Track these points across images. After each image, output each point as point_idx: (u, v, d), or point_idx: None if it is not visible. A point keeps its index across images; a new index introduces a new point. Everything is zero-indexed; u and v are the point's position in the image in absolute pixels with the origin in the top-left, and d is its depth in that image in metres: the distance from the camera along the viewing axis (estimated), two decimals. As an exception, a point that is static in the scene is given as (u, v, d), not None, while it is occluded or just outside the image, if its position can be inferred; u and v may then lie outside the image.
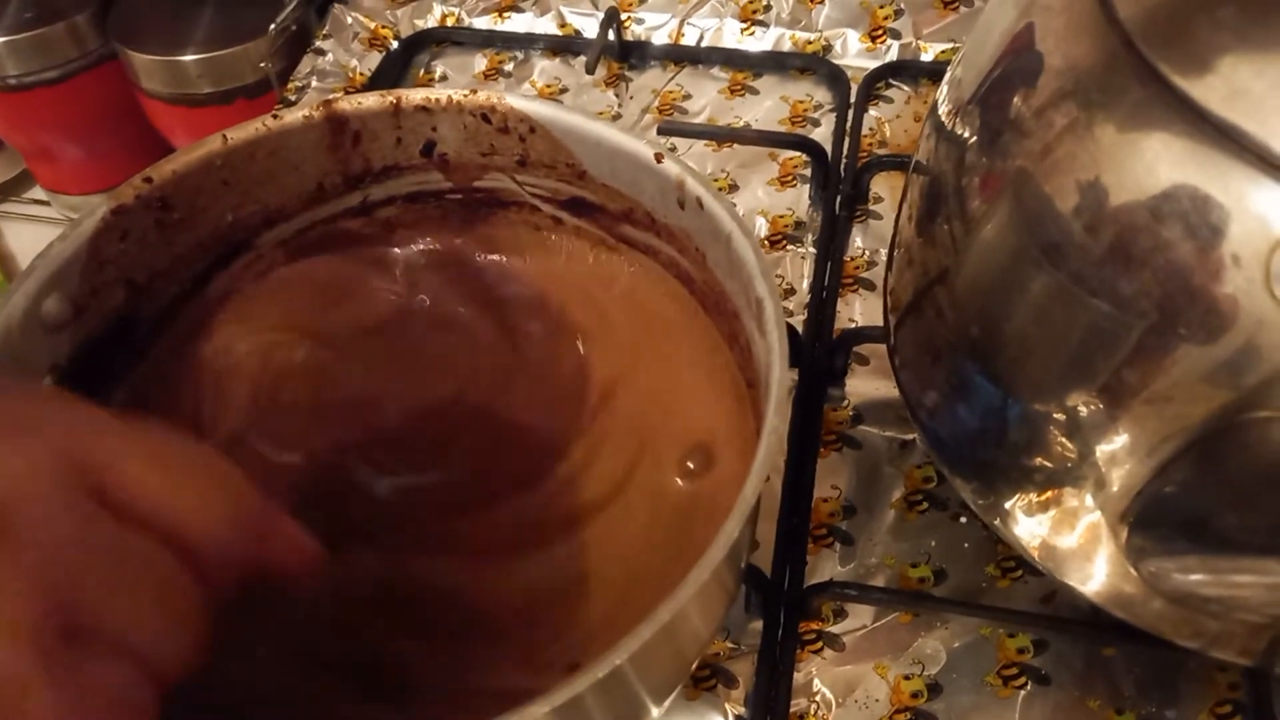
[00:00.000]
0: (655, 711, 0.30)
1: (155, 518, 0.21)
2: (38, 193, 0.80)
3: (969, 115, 0.32)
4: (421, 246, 0.40)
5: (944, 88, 0.34)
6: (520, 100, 0.35)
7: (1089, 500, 0.30)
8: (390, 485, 0.35)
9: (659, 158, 0.33)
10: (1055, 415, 0.30)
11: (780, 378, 0.27)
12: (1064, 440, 0.30)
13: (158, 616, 0.20)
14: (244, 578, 0.23)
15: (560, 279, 0.38)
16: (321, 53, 0.62)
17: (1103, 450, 0.29)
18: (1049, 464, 0.31)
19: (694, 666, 0.31)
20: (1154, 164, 0.25)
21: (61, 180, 0.74)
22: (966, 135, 0.32)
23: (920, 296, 0.35)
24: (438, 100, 0.35)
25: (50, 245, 0.32)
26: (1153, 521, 0.27)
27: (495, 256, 0.40)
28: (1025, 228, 0.29)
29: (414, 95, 0.36)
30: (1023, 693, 0.37)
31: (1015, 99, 0.30)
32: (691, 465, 0.34)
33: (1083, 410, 0.28)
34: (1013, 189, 0.29)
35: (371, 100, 0.36)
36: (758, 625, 0.39)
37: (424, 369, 0.38)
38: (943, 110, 0.34)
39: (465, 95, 0.35)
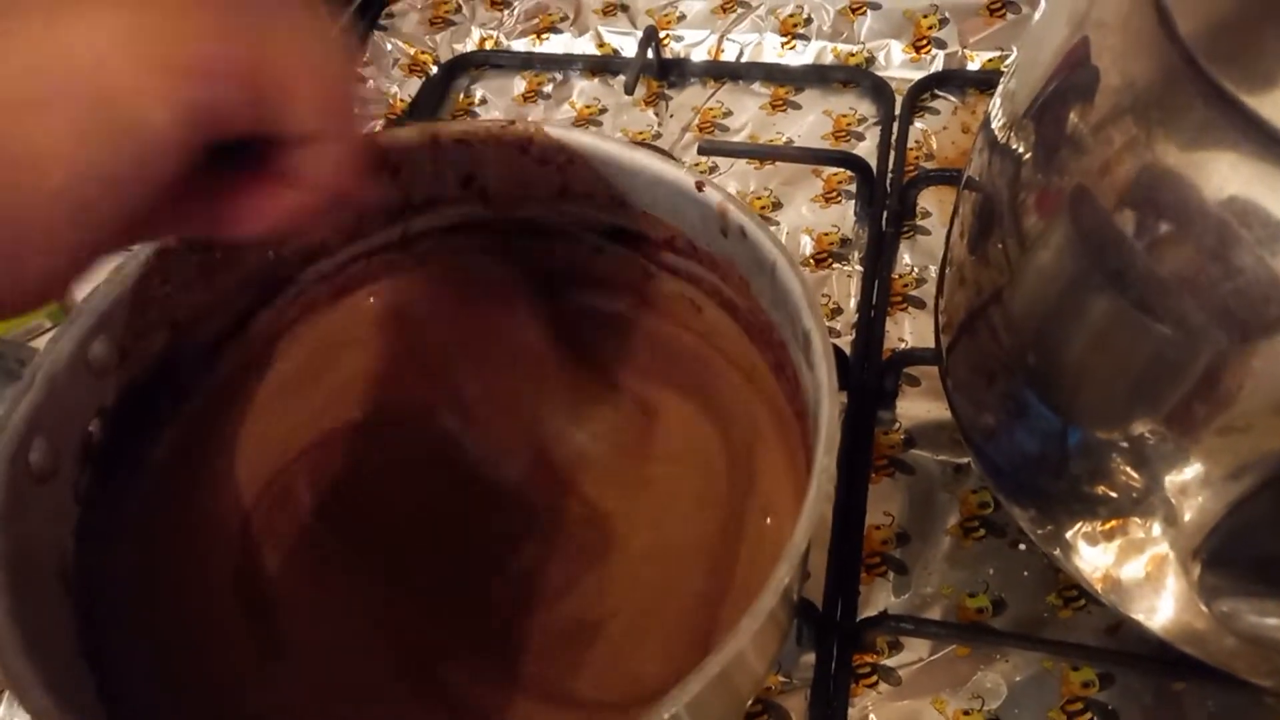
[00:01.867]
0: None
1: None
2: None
3: (1023, 130, 0.31)
4: (461, 278, 0.40)
5: (996, 101, 0.33)
6: (558, 131, 0.35)
7: (1156, 533, 0.29)
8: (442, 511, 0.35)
9: (700, 186, 0.32)
10: (1120, 444, 0.28)
11: (830, 413, 0.26)
12: (1129, 470, 0.29)
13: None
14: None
15: (602, 308, 0.38)
16: (362, 80, 0.62)
17: (1172, 482, 0.27)
18: (1113, 494, 0.30)
19: (748, 703, 0.30)
20: (1220, 183, 0.23)
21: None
22: (1021, 151, 0.31)
23: (974, 317, 0.33)
24: (475, 133, 0.35)
25: (95, 289, 0.33)
26: (1227, 559, 0.26)
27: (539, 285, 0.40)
28: (1084, 248, 0.28)
29: (452, 128, 0.35)
30: (1089, 729, 0.36)
31: (1072, 115, 0.28)
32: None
33: (1150, 440, 0.27)
34: (1070, 207, 0.28)
35: (408, 133, 0.35)
36: (810, 659, 0.38)
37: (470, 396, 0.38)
38: (996, 124, 0.33)
39: (503, 127, 0.35)
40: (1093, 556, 0.32)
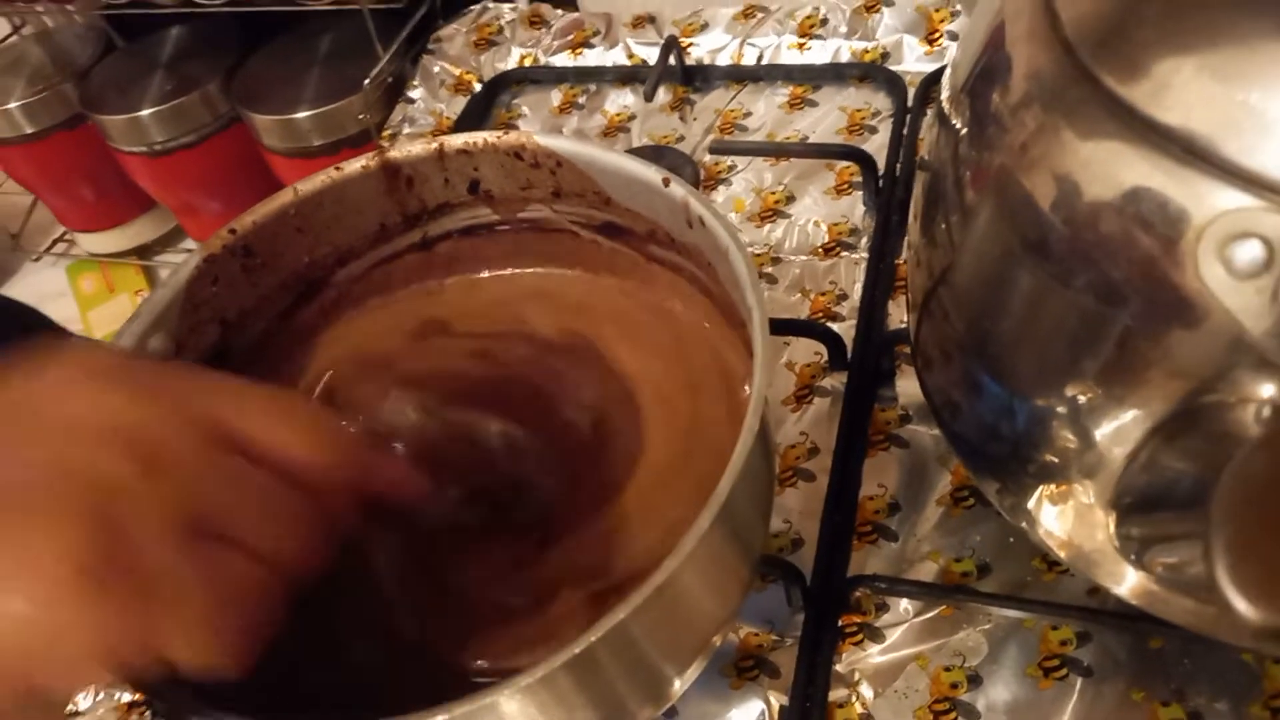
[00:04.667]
0: (677, 683, 0.32)
1: (269, 454, 0.25)
2: (189, 243, 0.90)
3: (961, 105, 0.33)
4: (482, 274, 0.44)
5: (946, 74, 0.35)
6: (545, 137, 0.38)
7: (1093, 494, 0.31)
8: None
9: (666, 182, 0.35)
10: (1052, 410, 0.30)
11: (760, 381, 0.29)
12: (1063, 435, 0.30)
13: (274, 526, 0.25)
14: (359, 503, 0.28)
15: (599, 294, 0.42)
16: (411, 101, 0.67)
17: (1091, 442, 0.29)
18: (1055, 460, 0.31)
19: (714, 643, 0.33)
20: (1101, 163, 0.26)
21: (206, 231, 0.83)
22: (959, 126, 0.32)
23: (928, 296, 0.36)
24: (474, 143, 0.39)
25: (154, 292, 0.38)
26: (1134, 509, 0.27)
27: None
28: (1011, 226, 0.30)
29: (454, 140, 0.40)
30: (1064, 685, 0.37)
31: (995, 95, 0.30)
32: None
33: (1070, 404, 0.29)
34: (995, 185, 0.30)
35: (418, 147, 0.40)
36: (802, 618, 0.41)
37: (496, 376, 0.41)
38: (943, 98, 0.35)
39: (499, 137, 0.39)
40: (1053, 524, 0.33)
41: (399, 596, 0.36)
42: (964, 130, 0.32)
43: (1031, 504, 0.33)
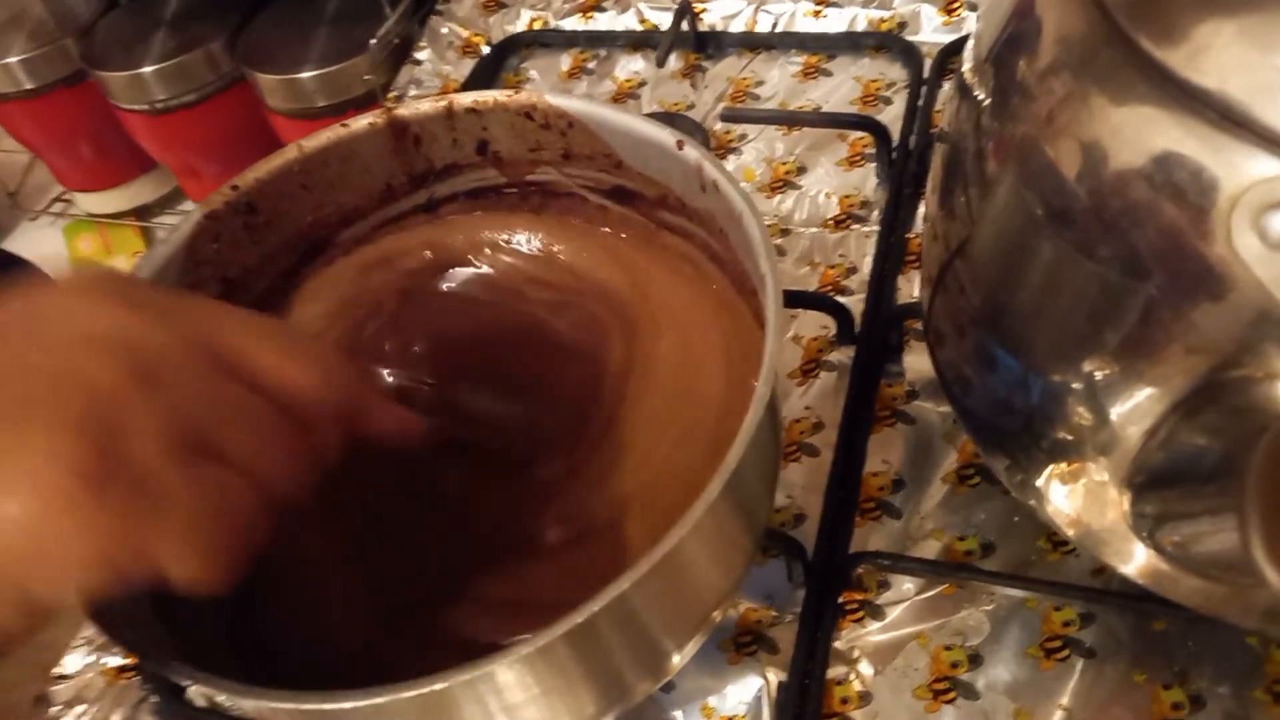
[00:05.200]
0: (676, 657, 0.32)
1: (267, 381, 0.26)
2: (189, 205, 0.89)
3: (984, 75, 0.32)
4: (487, 235, 0.43)
5: (969, 45, 0.34)
6: (556, 98, 0.37)
7: (1107, 472, 0.30)
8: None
9: (680, 145, 0.35)
10: (1067, 386, 0.30)
11: (771, 350, 0.28)
12: (1079, 411, 0.30)
13: (267, 448, 0.25)
14: (350, 436, 0.28)
15: (605, 258, 0.41)
16: (418, 63, 0.66)
17: (1106, 418, 0.28)
18: (1070, 436, 0.31)
19: (714, 617, 0.32)
20: (1132, 128, 0.25)
21: (207, 194, 0.82)
22: (982, 97, 0.32)
23: (944, 270, 0.35)
24: (484, 102, 0.38)
25: (154, 247, 0.37)
26: (1149, 486, 0.27)
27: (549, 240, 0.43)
28: (1033, 197, 0.29)
29: (464, 99, 0.39)
30: (1065, 665, 0.37)
31: (1021, 63, 0.30)
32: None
33: (1087, 380, 0.29)
34: (1019, 155, 0.29)
35: (426, 105, 0.39)
36: (803, 594, 0.40)
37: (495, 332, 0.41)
38: (965, 69, 0.34)
39: (509, 96, 0.38)
40: (1063, 502, 0.33)
41: (388, 550, 0.35)
42: (987, 100, 0.31)
43: (1041, 481, 0.33)
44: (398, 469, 0.35)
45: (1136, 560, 0.31)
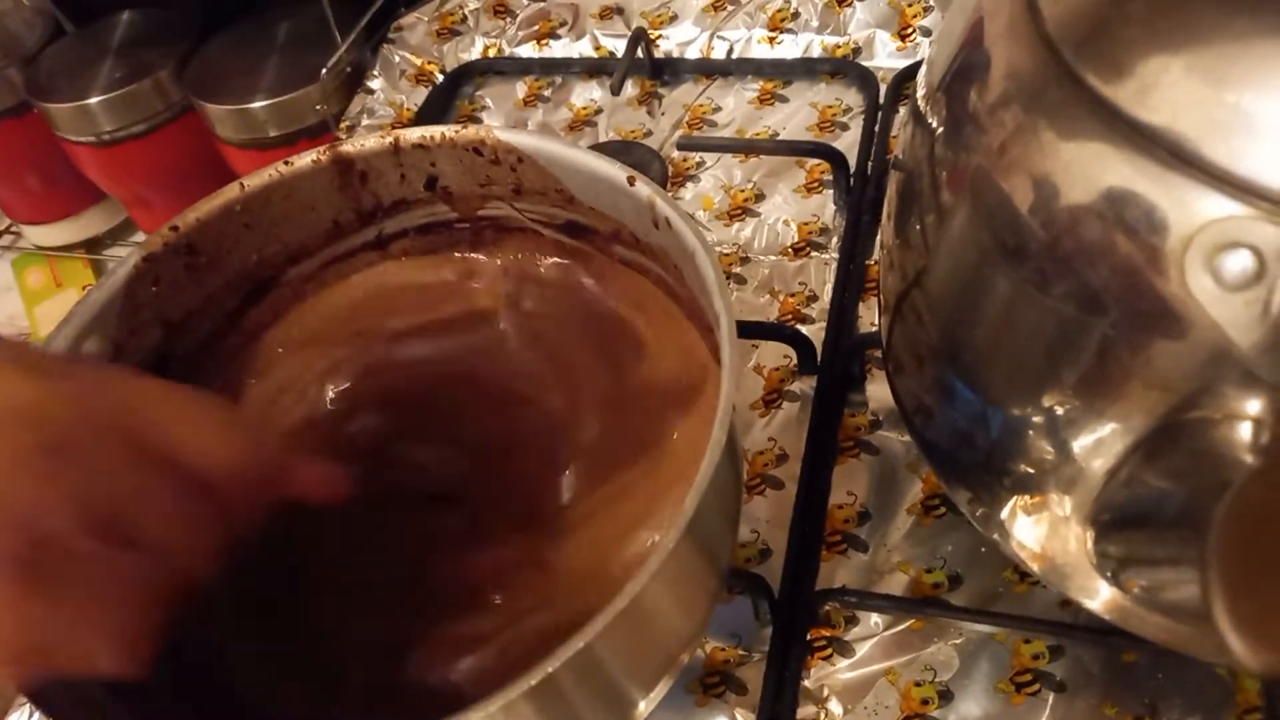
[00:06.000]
0: (642, 704, 0.31)
1: (182, 458, 0.25)
2: (141, 237, 0.87)
3: (937, 104, 0.31)
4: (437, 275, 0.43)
5: (921, 71, 0.34)
6: (506, 133, 0.37)
7: (1068, 507, 0.30)
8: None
9: (631, 180, 0.34)
10: (1027, 420, 0.29)
11: (727, 390, 0.28)
12: (1039, 446, 0.29)
13: (177, 530, 0.25)
14: (271, 504, 0.28)
15: (558, 293, 0.40)
16: (371, 92, 0.65)
17: (1068, 454, 0.28)
18: (1031, 470, 0.30)
19: (681, 660, 0.32)
20: (1082, 166, 0.24)
21: (158, 225, 0.80)
22: (935, 125, 0.31)
23: (901, 300, 0.34)
24: (431, 137, 0.38)
25: (89, 293, 0.36)
26: (1112, 526, 0.26)
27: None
28: (988, 229, 0.29)
29: (410, 134, 0.38)
30: (1036, 699, 0.36)
31: (972, 93, 0.29)
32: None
33: (1047, 415, 0.28)
34: (972, 187, 0.29)
35: (372, 141, 0.38)
36: (770, 633, 0.39)
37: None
38: (919, 96, 0.33)
39: (457, 131, 0.37)
40: (1025, 536, 0.32)
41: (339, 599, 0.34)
42: (940, 130, 0.31)
43: (1004, 515, 0.32)
44: (337, 520, 0.34)
45: (1102, 596, 0.31)
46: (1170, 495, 0.24)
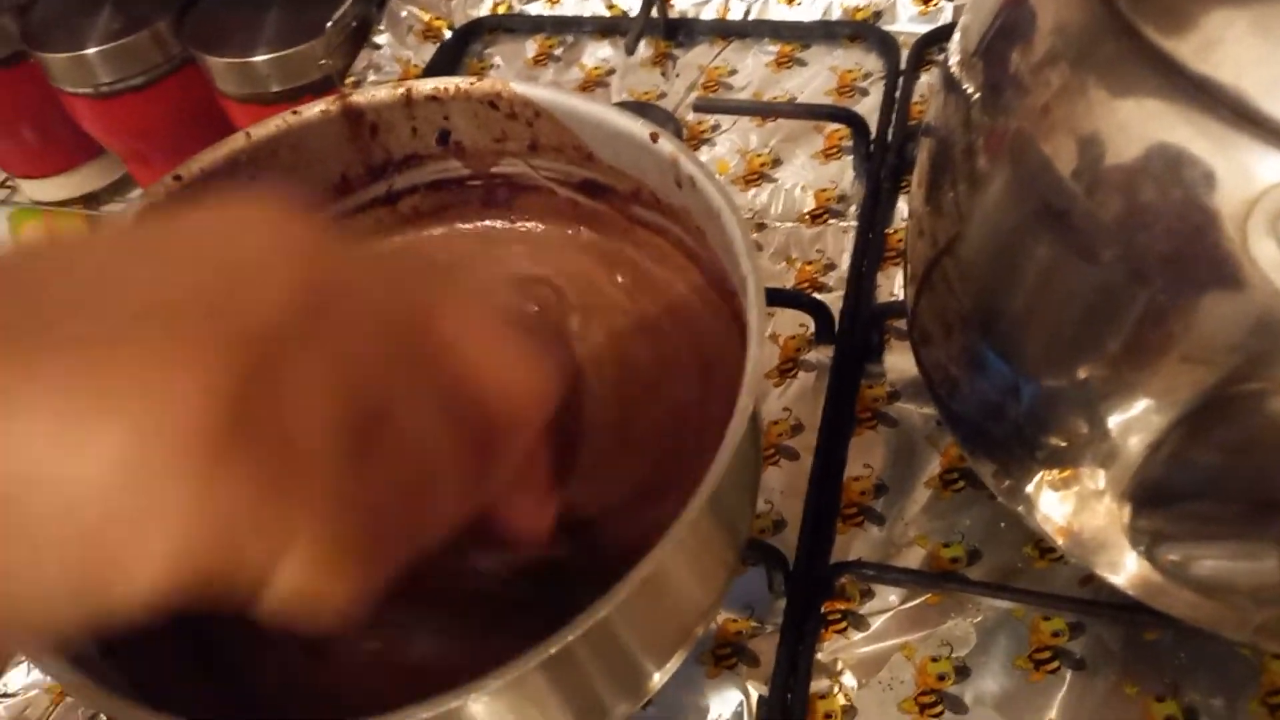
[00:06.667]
0: (656, 676, 0.30)
1: (479, 381, 0.20)
2: (139, 192, 0.86)
3: (973, 69, 0.30)
4: (446, 230, 0.41)
5: (955, 37, 0.33)
6: (523, 86, 0.35)
7: (1102, 482, 0.29)
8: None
9: (654, 137, 0.33)
10: (1067, 391, 0.28)
11: (755, 356, 0.27)
12: (1076, 418, 0.28)
13: (445, 464, 0.20)
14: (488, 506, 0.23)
15: (573, 256, 0.39)
16: (377, 47, 0.64)
17: (1108, 428, 0.27)
18: (1063, 444, 0.30)
19: (696, 633, 0.31)
20: (1137, 124, 0.23)
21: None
22: (971, 91, 0.30)
23: (931, 268, 0.33)
24: (446, 89, 0.36)
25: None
26: (1153, 501, 0.26)
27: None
28: (1027, 193, 0.28)
29: (424, 86, 0.36)
30: (1055, 677, 0.36)
31: (1014, 55, 0.28)
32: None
33: (1091, 385, 0.27)
34: (1012, 151, 0.28)
35: (384, 92, 0.37)
36: (784, 605, 0.39)
37: None
38: (952, 62, 0.32)
39: (472, 83, 0.36)
40: (1052, 510, 0.31)
41: None
42: (977, 94, 0.30)
43: (1031, 488, 0.32)
44: None
45: (1128, 571, 0.30)
46: (1217, 470, 0.23)
